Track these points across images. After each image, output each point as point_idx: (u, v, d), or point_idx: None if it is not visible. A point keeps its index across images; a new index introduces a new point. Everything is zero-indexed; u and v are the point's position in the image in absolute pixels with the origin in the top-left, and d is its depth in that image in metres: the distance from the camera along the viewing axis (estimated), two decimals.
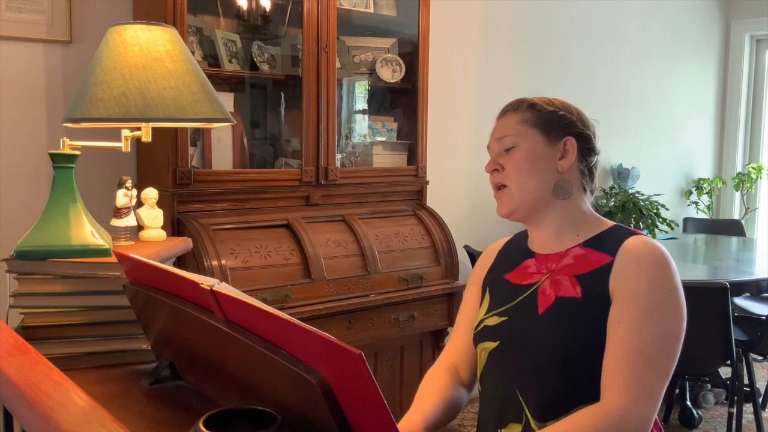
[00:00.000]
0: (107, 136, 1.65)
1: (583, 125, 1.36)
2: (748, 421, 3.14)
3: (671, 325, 1.22)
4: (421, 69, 2.94)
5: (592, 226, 1.35)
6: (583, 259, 1.30)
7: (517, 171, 1.32)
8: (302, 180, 2.61)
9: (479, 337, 1.39)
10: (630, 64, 4.47)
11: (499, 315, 1.36)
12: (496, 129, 1.39)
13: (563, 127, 1.33)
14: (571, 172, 1.33)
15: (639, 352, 1.18)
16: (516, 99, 1.39)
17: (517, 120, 1.35)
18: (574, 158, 1.33)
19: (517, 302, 1.35)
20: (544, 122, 1.33)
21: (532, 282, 1.34)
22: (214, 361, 1.05)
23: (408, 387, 2.79)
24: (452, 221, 3.04)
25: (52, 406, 0.84)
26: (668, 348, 1.21)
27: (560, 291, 1.29)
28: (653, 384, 1.19)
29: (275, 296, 2.34)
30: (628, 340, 1.19)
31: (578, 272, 1.29)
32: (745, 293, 3.06)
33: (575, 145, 1.33)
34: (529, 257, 1.39)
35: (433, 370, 1.47)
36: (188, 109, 1.42)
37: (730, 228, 4.52)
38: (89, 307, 1.33)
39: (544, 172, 1.31)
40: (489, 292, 1.43)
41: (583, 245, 1.32)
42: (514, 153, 1.33)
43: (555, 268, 1.32)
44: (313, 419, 0.80)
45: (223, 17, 2.71)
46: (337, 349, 0.72)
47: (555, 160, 1.32)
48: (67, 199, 1.41)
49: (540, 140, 1.32)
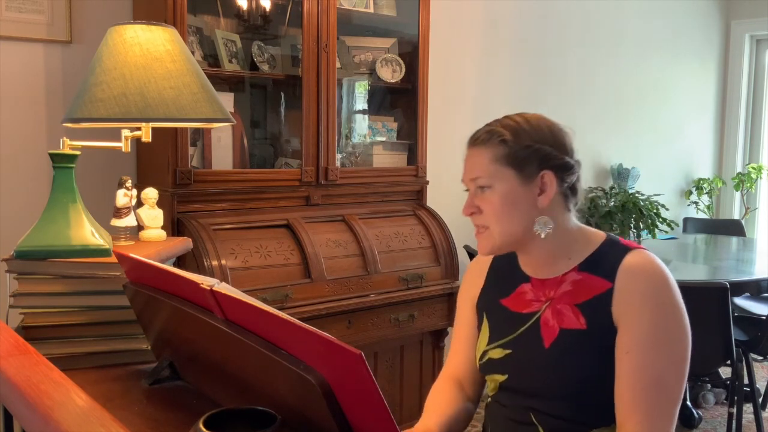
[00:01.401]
0: (107, 136, 1.65)
1: (559, 150, 1.27)
2: (748, 421, 3.14)
3: (680, 347, 1.21)
4: (421, 69, 2.94)
5: (582, 246, 1.30)
6: (582, 285, 1.26)
7: (496, 215, 1.27)
8: (302, 180, 2.61)
9: (486, 368, 1.37)
10: (630, 64, 4.47)
11: (503, 347, 1.33)
12: (468, 165, 1.34)
13: (539, 161, 1.26)
14: (552, 203, 1.28)
15: (653, 383, 1.18)
16: (486, 128, 1.33)
17: (489, 158, 1.28)
18: (554, 192, 1.27)
19: (519, 333, 1.32)
20: (517, 159, 1.26)
21: (533, 311, 1.31)
22: (214, 361, 1.05)
23: (408, 387, 2.79)
24: (452, 221, 3.04)
25: (52, 406, 0.84)
26: (679, 371, 1.21)
27: (564, 322, 1.26)
28: (669, 410, 1.19)
29: (275, 296, 2.34)
30: (641, 371, 1.18)
31: (578, 300, 1.26)
32: (745, 293, 3.06)
33: (553, 179, 1.26)
34: (524, 281, 1.35)
35: (438, 385, 1.45)
36: (188, 109, 1.42)
37: (730, 228, 4.52)
38: (89, 307, 1.33)
39: (523, 212, 1.26)
40: (487, 318, 1.40)
41: (579, 269, 1.28)
42: (490, 195, 1.27)
43: (554, 296, 1.29)
44: (313, 419, 0.80)
45: (223, 17, 2.71)
46: (337, 349, 0.72)
47: (533, 197, 1.26)
48: (67, 199, 1.41)
49: (515, 180, 1.26)
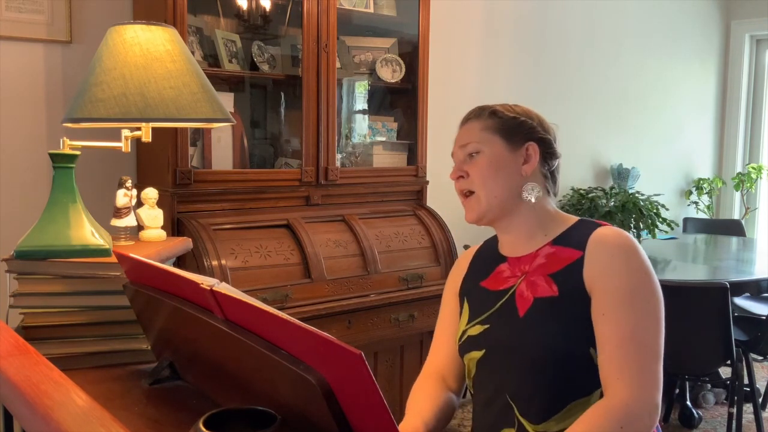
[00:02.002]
0: (107, 136, 1.65)
1: (544, 130, 1.39)
2: (748, 421, 3.14)
3: (652, 305, 1.25)
4: (421, 69, 2.94)
5: (558, 224, 1.38)
6: (554, 257, 1.33)
7: (482, 176, 1.35)
8: (302, 180, 2.61)
9: (464, 347, 1.39)
10: (630, 64, 4.47)
11: (481, 323, 1.37)
12: (459, 136, 1.42)
13: (525, 132, 1.37)
14: (534, 176, 1.37)
15: (629, 339, 1.21)
16: (477, 106, 1.42)
17: (479, 127, 1.38)
18: (537, 163, 1.36)
19: (496, 308, 1.36)
20: (505, 128, 1.36)
21: (509, 286, 1.36)
22: (214, 361, 1.05)
23: (408, 387, 2.77)
24: (452, 221, 3.04)
25: (52, 406, 0.84)
26: (654, 327, 1.24)
27: (537, 291, 1.31)
28: (650, 366, 1.22)
29: (275, 296, 2.34)
30: (616, 330, 1.22)
31: (551, 270, 1.31)
32: (745, 293, 3.06)
33: (537, 150, 1.36)
34: (502, 262, 1.41)
35: (420, 381, 1.47)
36: (188, 109, 1.42)
37: (730, 228, 4.52)
38: (89, 307, 1.33)
39: (508, 176, 1.35)
40: (467, 301, 1.44)
41: (552, 243, 1.35)
42: (478, 159, 1.36)
43: (528, 270, 1.35)
44: (313, 419, 0.80)
45: (223, 17, 2.71)
46: (337, 349, 0.72)
47: (518, 165, 1.36)
48: (67, 199, 1.41)
49: (502, 146, 1.36)
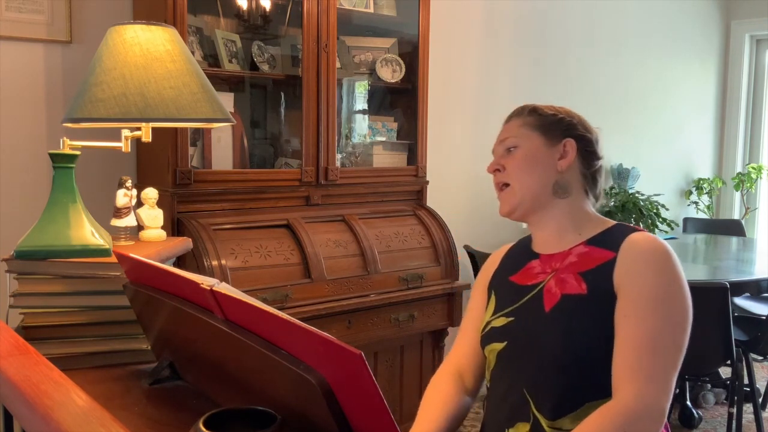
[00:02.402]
0: (107, 136, 1.65)
1: (585, 129, 1.41)
2: (748, 421, 3.14)
3: (676, 315, 1.23)
4: (421, 69, 2.94)
5: (594, 226, 1.38)
6: (587, 257, 1.32)
7: (518, 169, 1.37)
8: (302, 180, 2.61)
9: (486, 338, 1.39)
10: (630, 64, 4.47)
11: (506, 316, 1.37)
12: (500, 133, 1.44)
13: (563, 129, 1.39)
14: (571, 173, 1.38)
15: (646, 344, 1.19)
16: (521, 105, 1.45)
17: (518, 123, 1.41)
18: (573, 158, 1.37)
19: (523, 302, 1.36)
20: (544, 125, 1.39)
21: (538, 282, 1.36)
22: (214, 361, 1.05)
23: (408, 387, 2.79)
24: (452, 221, 3.04)
25: (52, 406, 0.84)
26: (675, 338, 1.22)
27: (566, 288, 1.31)
28: (662, 374, 1.20)
29: (275, 296, 2.34)
30: (635, 334, 1.20)
31: (582, 269, 1.31)
32: (745, 293, 3.06)
33: (574, 147, 1.38)
34: (533, 258, 1.41)
35: (437, 378, 1.46)
36: (188, 109, 1.42)
37: (730, 228, 4.52)
38: (89, 307, 1.33)
39: (543, 170, 1.36)
40: (495, 294, 1.45)
41: (586, 243, 1.35)
42: (515, 153, 1.38)
43: (559, 267, 1.35)
44: (313, 419, 0.80)
45: (223, 17, 2.71)
46: (337, 349, 0.72)
47: (554, 159, 1.37)
48: (67, 199, 1.41)
49: (540, 141, 1.38)
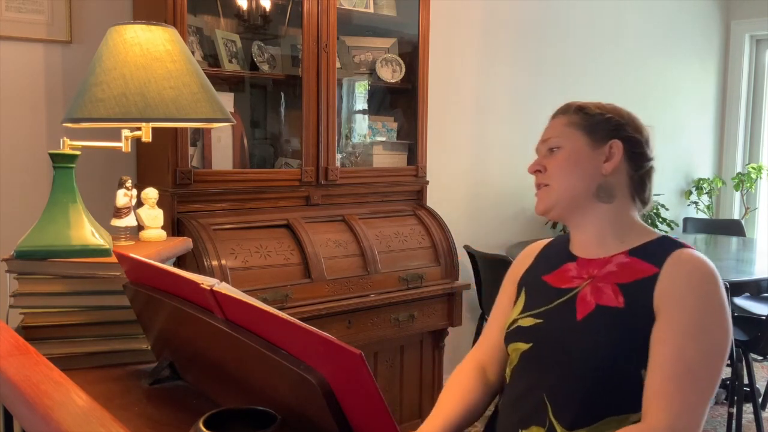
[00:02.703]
0: (107, 136, 1.65)
1: (634, 129, 1.32)
2: (748, 421, 3.14)
3: (717, 343, 1.18)
4: (421, 69, 2.94)
5: (638, 235, 1.31)
6: (628, 268, 1.26)
7: (559, 170, 1.30)
8: (302, 180, 2.61)
9: (512, 337, 1.35)
10: (630, 64, 4.47)
11: (535, 317, 1.32)
12: (544, 132, 1.37)
13: (610, 129, 1.31)
14: (617, 176, 1.30)
15: (684, 373, 1.14)
16: (567, 102, 1.38)
17: (563, 122, 1.34)
18: (619, 161, 1.30)
19: (554, 305, 1.31)
20: (590, 124, 1.31)
21: (572, 286, 1.30)
22: (214, 361, 1.05)
23: (408, 387, 2.79)
24: (452, 221, 3.04)
25: (52, 406, 0.84)
26: (714, 367, 1.17)
27: (601, 299, 1.25)
28: (699, 405, 1.15)
29: (275, 296, 2.34)
30: (674, 360, 1.15)
31: (621, 281, 1.25)
32: (745, 293, 3.06)
33: (621, 148, 1.30)
34: (570, 260, 1.35)
35: (460, 370, 1.43)
36: (188, 109, 1.42)
37: (730, 228, 4.51)
38: (89, 307, 1.33)
39: (585, 172, 1.29)
40: (525, 291, 1.39)
41: (628, 253, 1.28)
42: (557, 154, 1.32)
43: (597, 275, 1.28)
44: (313, 419, 0.80)
45: (223, 17, 2.71)
46: (337, 349, 0.72)
47: (599, 162, 1.30)
48: (67, 199, 1.41)
49: (584, 142, 1.31)
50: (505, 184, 3.77)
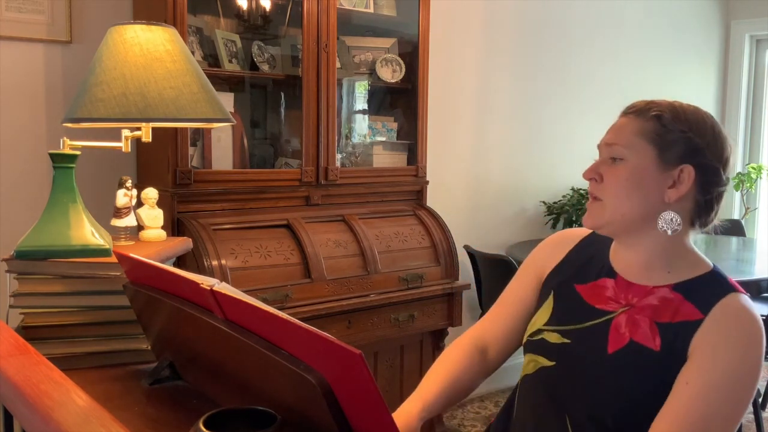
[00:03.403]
0: (107, 136, 1.65)
1: (713, 154, 1.17)
2: (748, 421, 3.14)
3: (740, 402, 1.11)
4: (421, 69, 2.94)
5: (687, 267, 1.20)
6: (670, 306, 1.16)
7: (616, 188, 1.17)
8: (302, 180, 2.61)
9: (534, 347, 1.28)
10: (630, 64, 4.47)
11: (562, 334, 1.24)
12: (612, 130, 1.23)
13: (686, 152, 1.15)
14: (681, 203, 1.17)
15: (698, 422, 1.08)
16: (646, 101, 1.23)
17: (634, 129, 1.18)
18: (686, 191, 1.15)
19: (585, 327, 1.22)
20: (664, 141, 1.16)
21: (607, 310, 1.21)
22: (214, 361, 1.05)
23: (408, 387, 2.78)
24: (452, 221, 3.04)
25: (52, 406, 0.84)
26: (730, 422, 1.10)
27: (636, 335, 1.16)
28: None
29: (275, 296, 2.34)
30: (692, 406, 1.08)
31: (661, 319, 1.15)
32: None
33: (693, 177, 1.15)
34: (610, 276, 1.24)
35: (457, 344, 1.38)
36: (188, 109, 1.42)
37: (730, 228, 4.51)
38: (89, 307, 1.33)
39: (645, 197, 1.16)
40: (554, 297, 1.30)
41: (673, 288, 1.17)
42: (619, 167, 1.17)
43: (636, 304, 1.19)
44: (313, 419, 0.80)
45: (223, 17, 2.71)
46: (337, 349, 0.72)
47: (663, 187, 1.16)
48: (67, 199, 1.41)
49: (652, 159, 1.16)
50: (505, 184, 3.77)
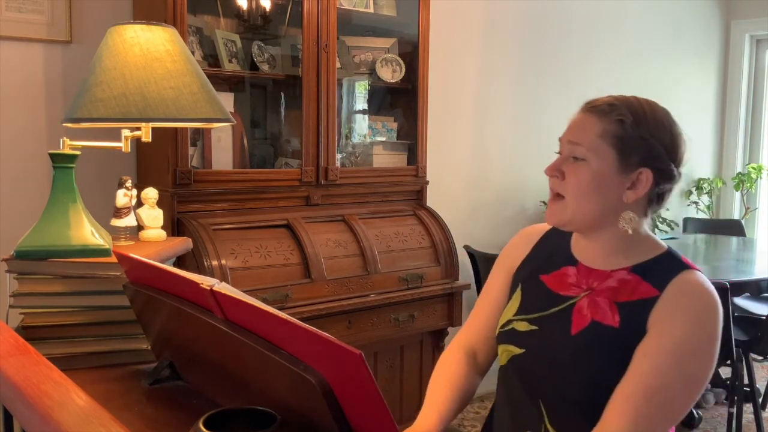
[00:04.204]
0: (107, 136, 1.65)
1: (670, 155, 1.23)
2: (748, 421, 3.14)
3: (700, 373, 1.16)
4: (421, 69, 2.94)
5: (643, 251, 1.25)
6: (628, 286, 1.22)
7: (577, 189, 1.22)
8: (302, 180, 2.61)
9: (505, 338, 1.33)
10: (630, 63, 4.47)
11: (530, 322, 1.30)
12: (573, 127, 1.26)
13: (645, 156, 1.21)
14: (636, 203, 1.23)
15: (656, 391, 1.12)
16: (607, 100, 1.25)
17: (597, 131, 1.22)
18: (645, 192, 1.22)
19: (550, 313, 1.29)
20: (627, 147, 1.20)
21: (570, 295, 1.28)
22: (214, 361, 1.05)
23: (408, 387, 2.78)
24: (452, 221, 3.04)
25: (52, 406, 0.84)
26: (687, 395, 1.16)
27: (597, 315, 1.22)
28: (660, 426, 1.14)
29: (275, 296, 2.34)
30: (650, 375, 1.13)
31: (620, 299, 1.22)
32: (745, 293, 3.05)
33: (650, 180, 1.21)
34: (571, 264, 1.31)
35: (449, 354, 1.42)
36: (188, 109, 1.42)
37: (730, 228, 4.51)
38: (89, 307, 1.33)
39: (606, 198, 1.21)
40: (521, 289, 1.36)
41: (631, 270, 1.24)
42: (581, 168, 1.22)
43: (596, 287, 1.25)
44: (313, 419, 0.80)
45: (223, 17, 2.71)
46: (337, 349, 0.72)
47: (622, 188, 1.21)
48: (67, 199, 1.41)
49: (613, 163, 1.20)
50: (505, 184, 3.77)
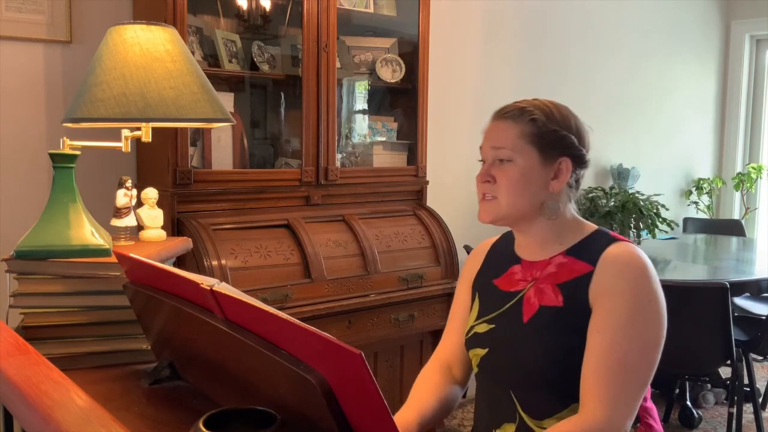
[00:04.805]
0: (107, 136, 1.65)
1: (581, 142, 1.35)
2: (748, 421, 3.14)
3: (651, 334, 1.23)
4: (421, 69, 2.94)
5: (574, 233, 1.35)
6: (565, 268, 1.31)
7: (509, 187, 1.31)
8: (302, 180, 2.61)
9: (470, 343, 1.41)
10: (630, 64, 4.47)
11: (488, 322, 1.39)
12: (492, 133, 1.35)
13: (561, 147, 1.32)
14: (561, 192, 1.34)
15: (619, 363, 1.20)
16: (516, 105, 1.35)
17: (516, 133, 1.31)
18: (566, 179, 1.33)
19: (504, 310, 1.37)
20: (543, 141, 1.31)
21: (518, 289, 1.36)
22: (214, 361, 1.05)
23: (408, 387, 2.77)
24: (452, 221, 3.04)
25: (52, 406, 0.84)
26: (648, 357, 1.23)
27: (543, 300, 1.31)
28: (633, 394, 1.21)
29: (275, 296, 2.34)
30: (608, 351, 1.20)
31: (560, 281, 1.31)
32: (745, 293, 3.06)
33: (570, 167, 1.32)
34: (516, 263, 1.40)
35: (426, 369, 1.50)
36: (188, 109, 1.42)
37: (730, 228, 4.51)
38: (89, 307, 1.33)
39: (535, 191, 1.31)
40: (478, 297, 1.45)
41: (566, 253, 1.33)
42: (509, 168, 1.31)
43: (539, 276, 1.34)
44: (313, 419, 0.80)
45: (223, 17, 2.71)
46: (337, 349, 0.72)
47: (547, 179, 1.32)
48: (67, 199, 1.41)
49: (536, 158, 1.31)
50: None
